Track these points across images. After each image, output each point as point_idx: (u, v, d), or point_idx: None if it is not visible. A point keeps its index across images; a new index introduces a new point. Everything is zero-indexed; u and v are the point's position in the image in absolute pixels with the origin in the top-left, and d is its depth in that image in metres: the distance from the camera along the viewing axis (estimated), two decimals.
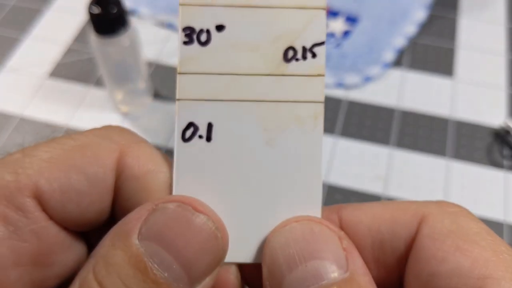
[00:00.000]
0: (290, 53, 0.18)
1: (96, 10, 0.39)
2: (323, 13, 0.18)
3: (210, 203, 0.17)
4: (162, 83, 0.51)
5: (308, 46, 0.18)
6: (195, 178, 0.18)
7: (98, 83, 0.51)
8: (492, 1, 0.58)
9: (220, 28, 0.18)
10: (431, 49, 0.53)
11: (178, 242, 0.15)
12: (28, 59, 0.53)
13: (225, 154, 0.18)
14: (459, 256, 0.16)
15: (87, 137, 0.18)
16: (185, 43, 0.18)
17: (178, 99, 0.18)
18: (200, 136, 0.18)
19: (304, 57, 0.18)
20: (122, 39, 0.42)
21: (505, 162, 0.45)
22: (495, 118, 0.48)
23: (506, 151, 0.45)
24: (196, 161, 0.18)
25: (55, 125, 0.48)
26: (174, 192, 0.18)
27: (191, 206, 0.16)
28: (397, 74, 0.51)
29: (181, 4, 0.18)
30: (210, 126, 0.18)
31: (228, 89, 0.18)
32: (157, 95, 0.50)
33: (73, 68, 0.52)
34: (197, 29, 0.18)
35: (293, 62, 0.18)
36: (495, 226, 0.41)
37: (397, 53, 0.53)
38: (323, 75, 0.18)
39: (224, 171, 0.18)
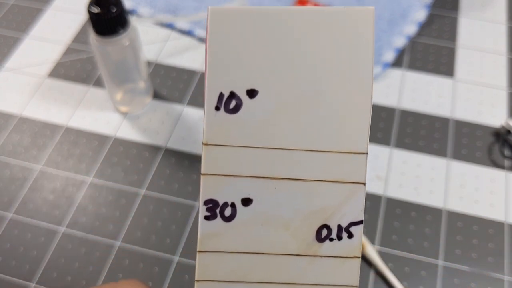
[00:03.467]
0: (324, 232, 0.16)
1: (96, 10, 0.39)
2: (362, 189, 0.16)
3: None
4: (162, 83, 0.51)
5: (344, 225, 0.16)
6: None
7: (98, 83, 0.51)
8: (492, 1, 0.58)
9: (247, 202, 0.16)
10: (431, 49, 0.53)
11: None
12: (27, 58, 0.53)
13: None
14: None
15: None
16: (206, 218, 0.16)
17: (197, 280, 0.16)
18: None
19: (339, 237, 0.16)
20: (122, 39, 0.42)
21: (506, 162, 0.45)
22: (496, 118, 0.48)
23: (507, 151, 0.45)
24: None
25: (55, 125, 0.48)
26: None
27: None
28: (397, 74, 0.51)
29: (203, 174, 0.16)
30: None
31: (254, 270, 0.16)
32: (156, 95, 0.50)
33: (73, 68, 0.52)
34: (221, 202, 0.16)
35: (327, 242, 0.16)
36: (496, 226, 0.41)
37: (397, 53, 0.52)
38: (359, 257, 0.16)
39: None
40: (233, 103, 0.16)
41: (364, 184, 0.16)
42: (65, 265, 0.40)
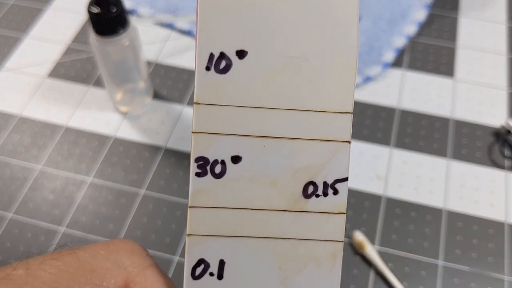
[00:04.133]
0: (310, 189, 0.17)
1: (96, 10, 0.39)
2: (347, 147, 0.17)
3: None
4: (162, 82, 0.51)
5: (330, 181, 0.17)
6: None
7: (98, 82, 0.51)
8: (492, 1, 0.58)
9: (236, 159, 0.16)
10: (431, 49, 0.53)
11: None
12: (27, 58, 0.53)
13: None
14: None
15: (95, 259, 0.17)
16: (197, 174, 0.17)
17: (189, 234, 0.17)
18: (211, 274, 0.17)
19: (325, 193, 0.17)
20: (121, 39, 0.42)
21: (506, 162, 0.45)
22: (496, 118, 0.47)
23: (507, 151, 0.45)
24: None
25: (54, 125, 0.48)
26: None
27: None
28: (397, 74, 0.51)
29: (194, 132, 0.16)
30: (222, 264, 0.17)
31: (243, 225, 0.17)
32: (156, 95, 0.50)
33: (73, 68, 0.52)
34: (211, 159, 0.16)
35: (313, 198, 0.17)
36: (496, 226, 0.41)
37: (397, 53, 0.52)
38: (344, 213, 0.17)
39: None
40: (223, 64, 0.16)
41: (349, 142, 0.17)
42: None
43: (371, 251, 0.39)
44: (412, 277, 0.39)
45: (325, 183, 0.17)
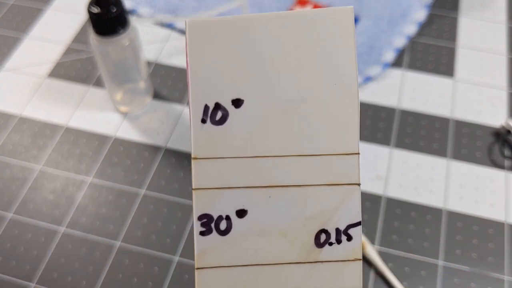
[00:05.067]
0: (323, 237, 0.16)
1: (96, 10, 0.39)
2: (357, 190, 0.16)
3: None
4: (162, 82, 0.51)
5: (342, 227, 0.16)
6: None
7: (98, 83, 0.51)
8: (492, 1, 0.58)
9: (241, 213, 0.16)
10: (431, 49, 0.53)
11: None
12: (27, 58, 0.53)
13: None
14: None
15: None
16: (201, 233, 0.16)
17: None
18: None
19: (338, 240, 0.16)
20: (122, 39, 0.42)
21: (506, 162, 0.45)
22: (496, 118, 0.48)
23: (507, 151, 0.45)
24: None
25: (54, 125, 0.48)
26: None
27: None
28: (397, 74, 0.51)
29: (194, 189, 0.16)
30: None
31: (255, 282, 0.16)
32: (156, 95, 0.50)
33: (73, 68, 0.52)
34: (215, 216, 0.16)
35: (327, 246, 0.16)
36: (496, 226, 0.41)
37: (397, 53, 0.52)
38: (360, 260, 0.16)
39: None
40: (219, 115, 0.16)
41: (359, 184, 0.16)
42: (65, 265, 0.40)
43: (371, 251, 0.39)
44: (412, 277, 0.39)
45: (337, 230, 0.16)
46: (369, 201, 0.42)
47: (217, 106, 0.16)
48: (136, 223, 0.42)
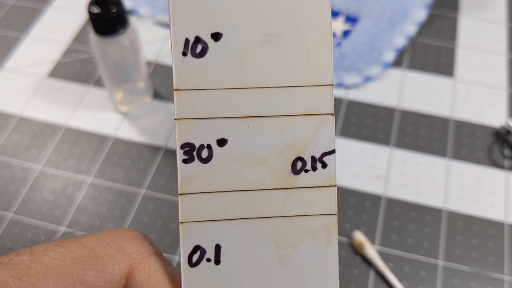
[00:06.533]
0: (299, 164, 0.17)
1: (96, 10, 0.39)
2: (331, 119, 0.17)
3: None
4: (162, 82, 0.51)
5: (317, 155, 0.17)
6: None
7: (98, 82, 0.51)
8: (492, 1, 0.58)
9: (222, 142, 0.16)
10: (431, 49, 0.53)
11: None
12: (27, 58, 0.53)
13: (236, 276, 0.17)
14: None
15: (99, 245, 0.17)
16: (184, 161, 0.16)
17: (182, 222, 0.17)
18: (208, 260, 0.17)
19: (314, 167, 0.17)
20: (121, 39, 0.42)
21: (506, 162, 0.45)
22: (496, 118, 0.48)
23: (507, 151, 0.45)
24: (206, 286, 0.17)
25: (55, 125, 0.48)
26: None
27: None
28: (397, 74, 0.51)
29: (177, 119, 0.16)
30: (218, 248, 0.17)
31: (235, 207, 0.17)
32: (156, 95, 0.50)
33: (73, 68, 0.52)
34: (197, 145, 0.16)
35: (303, 173, 0.17)
36: (496, 226, 0.41)
37: (397, 53, 0.52)
38: (335, 186, 0.17)
39: None
40: (199, 48, 0.16)
41: (333, 114, 0.17)
42: None
43: (371, 251, 0.39)
44: (412, 277, 0.39)
45: (313, 158, 0.17)
46: (369, 201, 0.42)
47: (197, 40, 0.16)
48: (136, 223, 0.42)
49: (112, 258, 0.17)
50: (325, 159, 0.17)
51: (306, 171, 0.17)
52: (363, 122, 0.47)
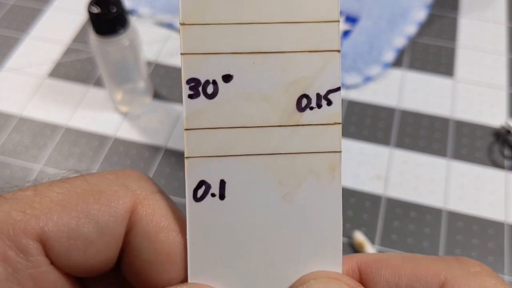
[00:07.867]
0: (304, 102, 0.17)
1: (96, 10, 0.39)
2: (337, 56, 0.17)
3: (227, 262, 0.17)
4: (162, 82, 0.51)
5: (322, 93, 0.17)
6: (209, 238, 0.17)
7: (98, 83, 0.51)
8: (492, 1, 0.58)
9: (227, 78, 0.16)
10: (431, 49, 0.53)
11: None
12: (27, 58, 0.53)
13: (240, 211, 0.17)
14: None
15: (103, 182, 0.17)
16: (190, 96, 0.17)
17: (187, 157, 0.17)
18: (213, 195, 0.17)
19: (318, 105, 0.17)
20: (121, 39, 0.42)
21: (506, 162, 0.45)
22: (496, 118, 0.48)
23: (507, 151, 0.45)
24: (210, 221, 0.17)
25: (54, 125, 0.48)
26: (188, 258, 0.17)
27: None
28: (397, 74, 0.51)
29: (183, 54, 0.16)
30: (223, 183, 0.17)
31: (240, 143, 0.17)
32: (156, 95, 0.50)
33: (73, 68, 0.52)
34: (203, 80, 0.17)
35: (307, 111, 0.17)
36: (496, 226, 0.41)
37: (397, 53, 0.52)
38: (339, 123, 0.17)
39: (240, 229, 0.17)
40: None
41: (339, 51, 0.17)
42: None
43: (371, 251, 0.39)
44: None
45: (318, 95, 0.17)
46: (369, 200, 0.42)
47: None
48: None
49: (116, 193, 0.17)
50: (330, 96, 0.17)
51: (311, 108, 0.17)
52: (363, 122, 0.47)
